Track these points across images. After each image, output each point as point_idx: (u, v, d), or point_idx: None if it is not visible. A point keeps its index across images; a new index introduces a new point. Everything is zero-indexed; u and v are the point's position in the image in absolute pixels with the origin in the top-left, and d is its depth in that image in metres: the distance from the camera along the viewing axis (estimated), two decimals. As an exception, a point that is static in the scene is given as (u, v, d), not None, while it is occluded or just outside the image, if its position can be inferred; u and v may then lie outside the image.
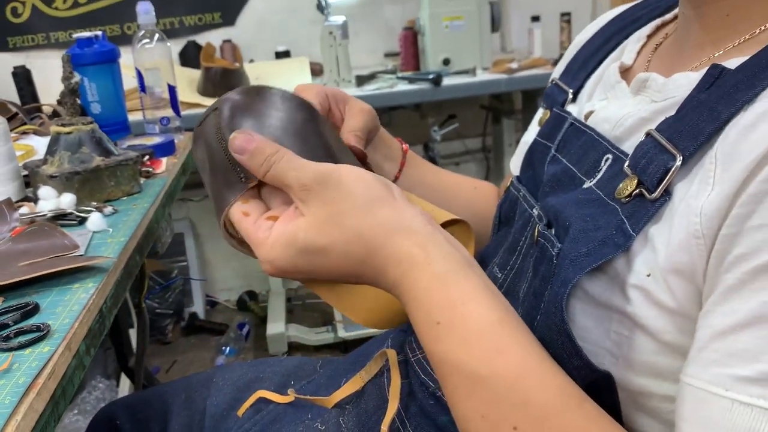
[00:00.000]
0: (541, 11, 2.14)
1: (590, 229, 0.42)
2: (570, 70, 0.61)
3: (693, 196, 0.36)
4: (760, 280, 0.32)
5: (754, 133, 0.34)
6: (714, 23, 0.45)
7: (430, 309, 0.39)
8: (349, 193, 0.41)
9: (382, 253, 0.40)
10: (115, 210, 0.93)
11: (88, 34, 1.30)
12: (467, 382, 0.37)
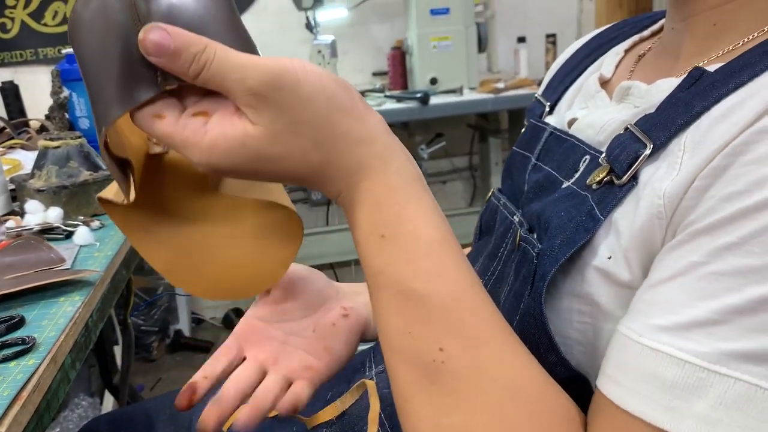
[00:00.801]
0: (526, 32, 2.17)
1: (565, 221, 0.42)
2: (550, 86, 0.63)
3: (659, 180, 0.37)
4: (695, 242, 0.33)
5: (723, 123, 0.35)
6: (702, 33, 0.46)
7: (377, 221, 0.38)
8: (309, 99, 0.36)
9: (339, 164, 0.38)
10: (102, 224, 0.93)
11: (77, 50, 1.31)
12: (402, 297, 0.37)
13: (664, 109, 0.40)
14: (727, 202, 0.33)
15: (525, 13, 2.29)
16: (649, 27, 0.56)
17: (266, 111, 0.35)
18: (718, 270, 0.32)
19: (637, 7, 2.29)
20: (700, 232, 0.34)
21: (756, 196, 0.32)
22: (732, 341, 0.31)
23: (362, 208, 0.38)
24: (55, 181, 0.94)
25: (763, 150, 0.32)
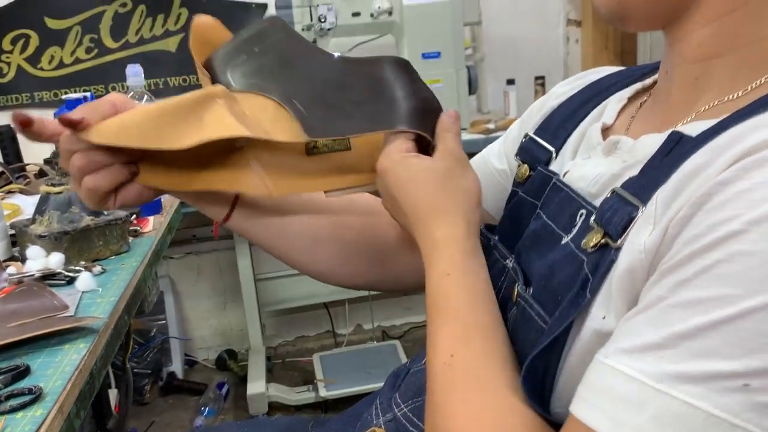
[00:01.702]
0: (515, 75, 2.22)
1: (563, 288, 0.46)
2: (548, 128, 0.64)
3: (637, 234, 0.41)
4: (663, 279, 0.38)
5: (693, 180, 0.39)
6: (685, 86, 0.49)
7: (449, 265, 0.53)
8: (468, 176, 0.58)
9: (450, 218, 0.55)
10: (103, 269, 0.93)
11: (76, 96, 1.33)
12: (448, 312, 0.51)
13: (647, 172, 0.44)
14: (688, 244, 0.37)
15: (513, 56, 2.35)
16: (650, 76, 0.59)
17: (448, 160, 0.57)
18: (673, 302, 0.37)
19: (622, 49, 2.36)
20: (666, 271, 0.38)
21: (708, 238, 0.36)
22: (676, 363, 0.35)
23: (446, 253, 0.53)
24: (57, 226, 0.95)
25: (721, 199, 0.36)
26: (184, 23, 2.20)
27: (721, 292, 0.35)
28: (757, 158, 0.36)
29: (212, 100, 0.55)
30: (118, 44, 2.17)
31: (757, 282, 0.34)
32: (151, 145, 0.52)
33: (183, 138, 0.52)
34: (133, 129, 0.51)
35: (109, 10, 2.14)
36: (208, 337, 2.44)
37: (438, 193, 0.55)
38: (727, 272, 0.35)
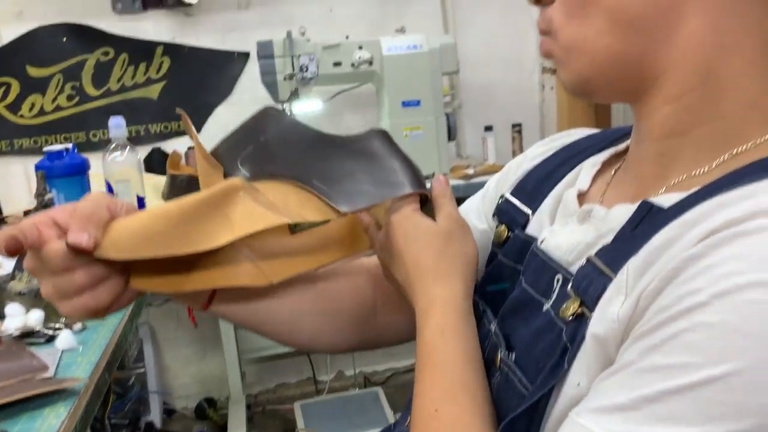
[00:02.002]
0: (493, 121, 2.27)
1: (543, 356, 0.47)
2: (524, 189, 0.65)
3: (609, 303, 0.43)
4: (634, 345, 0.39)
5: (664, 252, 0.41)
6: (654, 160, 0.51)
7: (444, 322, 0.55)
8: (469, 241, 0.62)
9: (448, 279, 0.58)
10: (84, 326, 0.93)
11: (58, 147, 1.33)
12: (439, 368, 0.53)
13: (619, 242, 0.46)
14: (658, 313, 0.39)
15: (491, 104, 2.40)
16: (622, 141, 0.60)
17: (449, 225, 0.61)
18: (641, 367, 0.38)
19: (596, 96, 2.42)
20: (637, 337, 0.39)
21: (676, 308, 0.38)
22: (640, 425, 0.37)
23: (440, 311, 0.56)
24: (37, 283, 0.94)
25: (689, 273, 0.38)
26: (166, 71, 2.22)
27: (684, 360, 0.36)
28: (722, 236, 0.38)
29: (234, 194, 0.54)
30: (99, 92, 2.19)
31: (717, 352, 0.35)
32: (179, 251, 0.50)
33: (213, 238, 0.51)
34: (157, 237, 0.49)
35: (91, 58, 2.16)
36: (188, 386, 2.40)
37: (441, 254, 0.59)
38: (691, 341, 0.36)
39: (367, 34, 2.20)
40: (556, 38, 0.51)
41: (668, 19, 0.46)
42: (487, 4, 2.34)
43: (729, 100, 0.46)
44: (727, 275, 0.36)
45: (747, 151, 0.46)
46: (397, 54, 1.95)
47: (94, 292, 0.52)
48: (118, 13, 2.14)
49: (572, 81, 0.52)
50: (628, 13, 0.46)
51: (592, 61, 0.49)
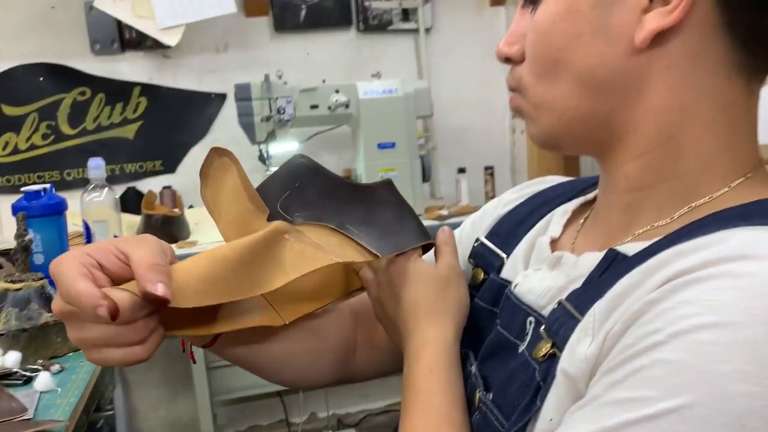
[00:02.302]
0: (466, 163, 2.32)
1: (518, 395, 0.50)
2: (498, 234, 0.69)
3: (576, 342, 0.45)
4: (600, 380, 0.42)
5: (626, 297, 0.44)
6: (620, 212, 0.54)
7: (435, 362, 0.59)
8: (463, 287, 0.65)
9: (443, 321, 0.61)
10: (62, 368, 0.92)
11: (36, 187, 1.33)
12: (427, 405, 0.56)
13: (587, 287, 0.49)
14: (621, 352, 0.41)
15: (464, 147, 2.46)
16: (590, 191, 0.64)
17: (447, 271, 0.65)
18: (605, 401, 0.41)
19: (564, 140, 2.50)
20: (603, 373, 0.42)
21: (637, 347, 0.40)
22: None
23: (431, 349, 0.60)
24: (15, 324, 0.94)
25: (650, 315, 0.41)
26: (142, 111, 2.24)
27: (643, 394, 0.39)
28: (678, 282, 0.41)
29: (281, 238, 0.56)
30: (75, 131, 2.19)
31: (672, 387, 0.38)
32: (241, 295, 0.51)
33: (269, 282, 0.52)
34: (220, 284, 0.50)
35: (67, 98, 2.17)
36: (157, 428, 2.35)
37: (438, 297, 0.63)
38: (649, 377, 0.39)
39: (343, 78, 2.25)
40: (525, 95, 0.55)
41: (633, 84, 0.49)
42: (459, 51, 2.42)
43: (687, 159, 0.50)
44: (682, 317, 0.39)
45: (704, 204, 0.50)
46: (372, 98, 2.00)
47: (146, 344, 0.50)
48: (97, 54, 2.16)
49: (540, 135, 0.55)
50: (596, 78, 0.50)
51: (560, 119, 0.53)
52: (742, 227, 0.43)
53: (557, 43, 0.51)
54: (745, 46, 0.48)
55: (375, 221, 0.67)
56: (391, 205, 0.69)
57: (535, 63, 0.53)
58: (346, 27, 2.35)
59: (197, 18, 1.98)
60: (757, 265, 0.39)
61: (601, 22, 0.49)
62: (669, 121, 0.50)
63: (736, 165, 0.51)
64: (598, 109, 0.51)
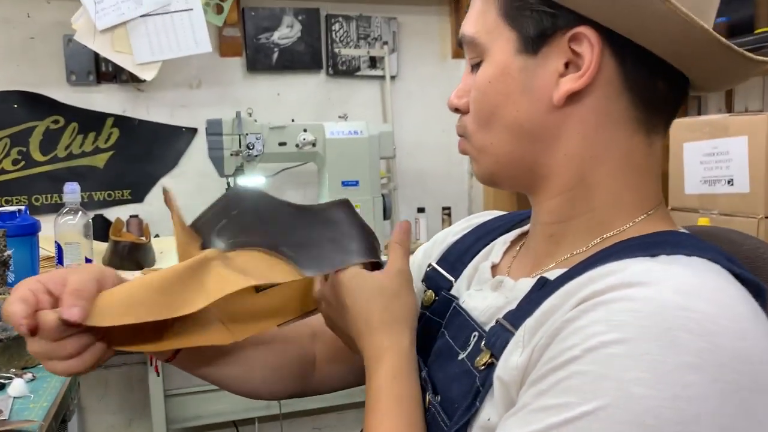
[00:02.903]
0: (425, 204, 2.44)
1: (461, 398, 0.58)
2: (447, 260, 0.78)
3: (510, 353, 0.54)
4: (529, 389, 0.49)
5: (551, 315, 0.52)
6: (546, 241, 0.64)
7: (394, 368, 0.63)
8: (411, 292, 0.69)
9: (400, 328, 0.66)
10: (34, 376, 0.97)
11: (11, 209, 1.39)
12: (395, 411, 0.61)
13: (520, 307, 0.58)
14: (546, 364, 0.49)
15: (424, 188, 2.57)
16: (527, 223, 0.74)
17: (398, 278, 0.68)
18: (534, 407, 0.48)
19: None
20: (531, 383, 0.50)
21: (558, 360, 0.48)
22: None
23: (391, 358, 0.64)
24: (-11, 334, 0.99)
25: (567, 332, 0.49)
26: (114, 141, 2.30)
27: (565, 401, 0.47)
28: (590, 304, 0.49)
29: (208, 263, 0.62)
30: (46, 158, 2.23)
31: (589, 393, 0.46)
32: (159, 316, 0.57)
33: (190, 304, 0.58)
34: (142, 306, 0.56)
35: (41, 125, 2.22)
36: (110, 457, 2.34)
37: (389, 306, 0.66)
38: (569, 386, 0.47)
39: (312, 118, 2.36)
40: (470, 140, 0.65)
41: (552, 135, 0.60)
42: (422, 98, 2.55)
43: (598, 197, 0.60)
44: (593, 335, 0.47)
45: (612, 236, 0.60)
46: (339, 138, 2.10)
47: (81, 357, 0.59)
48: (72, 84, 2.23)
49: (482, 174, 0.66)
50: (522, 129, 0.60)
51: (497, 162, 0.63)
52: (639, 257, 0.53)
53: (492, 100, 0.61)
54: (644, 105, 0.59)
55: (319, 241, 0.69)
56: (342, 224, 0.71)
57: (476, 115, 0.63)
58: (317, 70, 2.47)
59: (174, 55, 2.07)
60: (650, 290, 0.48)
61: (526, 83, 0.59)
62: (582, 165, 0.60)
63: (639, 203, 0.61)
64: (525, 155, 0.61)
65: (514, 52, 0.59)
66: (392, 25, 2.52)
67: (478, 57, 0.62)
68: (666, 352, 0.45)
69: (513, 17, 0.59)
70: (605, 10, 0.55)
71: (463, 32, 0.64)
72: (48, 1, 2.18)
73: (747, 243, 0.68)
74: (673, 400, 0.44)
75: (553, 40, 0.58)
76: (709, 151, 1.35)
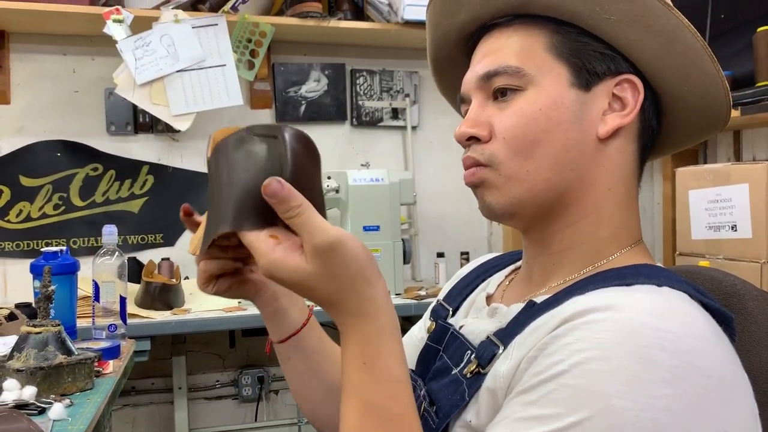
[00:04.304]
0: (445, 248, 2.50)
1: (448, 401, 0.63)
2: (451, 294, 0.85)
3: (499, 365, 0.60)
4: (514, 399, 0.54)
5: (536, 332, 0.58)
6: (546, 270, 0.70)
7: (363, 351, 0.56)
8: (347, 263, 0.55)
9: (349, 308, 0.56)
10: (71, 402, 1.05)
11: (54, 249, 1.49)
12: (367, 407, 0.56)
13: (510, 326, 0.64)
14: (534, 377, 0.55)
15: (443, 233, 2.65)
16: (519, 261, 0.81)
17: (318, 261, 0.55)
18: (523, 416, 0.53)
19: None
20: (518, 393, 0.55)
21: (546, 374, 0.54)
22: None
23: (355, 339, 0.57)
24: (33, 362, 1.07)
25: (554, 347, 0.55)
26: (149, 188, 2.42)
27: (554, 411, 0.52)
28: (572, 324, 0.55)
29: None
30: (85, 203, 2.36)
31: (575, 405, 0.51)
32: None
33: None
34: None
35: (81, 172, 2.36)
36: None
37: (329, 289, 0.56)
38: (557, 398, 0.52)
39: (336, 166, 2.46)
40: (496, 169, 0.66)
41: (588, 166, 0.66)
42: (442, 146, 2.65)
43: (603, 227, 0.67)
44: (578, 351, 0.53)
45: (603, 264, 0.66)
46: (361, 185, 2.20)
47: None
48: (111, 134, 2.37)
49: (505, 204, 0.66)
50: (568, 156, 0.65)
51: (530, 189, 0.65)
52: (617, 285, 0.59)
53: (542, 126, 0.64)
54: (644, 153, 0.69)
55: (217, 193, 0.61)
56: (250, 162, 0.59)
57: (516, 141, 0.65)
58: (341, 121, 2.59)
59: (207, 107, 2.20)
60: (627, 313, 0.54)
61: (578, 115, 0.65)
62: (600, 196, 0.67)
63: (627, 236, 0.68)
64: (562, 182, 0.66)
65: (567, 85, 0.65)
66: (414, 79, 2.63)
67: (518, 86, 0.65)
68: (642, 367, 0.50)
69: (566, 54, 0.65)
70: (662, 64, 0.64)
71: (505, 63, 0.65)
72: (92, 58, 2.35)
73: (726, 280, 0.74)
74: (649, 410, 0.49)
75: (604, 80, 0.66)
76: (713, 198, 1.40)
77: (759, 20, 1.76)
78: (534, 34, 0.66)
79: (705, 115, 0.69)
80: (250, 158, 0.58)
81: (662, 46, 0.64)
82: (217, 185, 0.60)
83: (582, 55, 0.65)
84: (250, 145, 0.59)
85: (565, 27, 0.66)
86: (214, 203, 0.60)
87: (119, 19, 2.10)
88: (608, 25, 0.64)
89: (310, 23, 2.30)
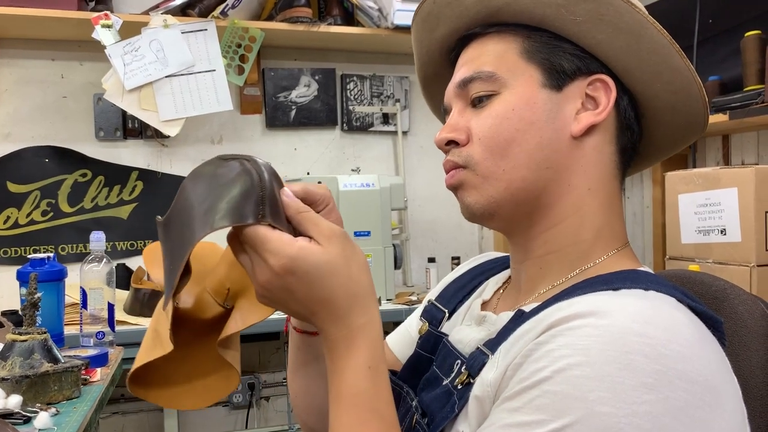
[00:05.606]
0: (436, 254, 2.50)
1: (438, 411, 0.63)
2: (444, 296, 0.83)
3: (486, 373, 0.60)
4: (500, 405, 0.54)
5: (522, 338, 0.58)
6: (532, 274, 0.70)
7: (372, 355, 0.59)
8: (357, 251, 0.59)
9: (364, 302, 0.58)
10: (57, 411, 1.04)
11: (41, 256, 1.48)
12: (372, 413, 0.58)
13: (499, 335, 0.64)
14: (519, 383, 0.54)
15: (434, 238, 2.65)
16: None
17: (337, 244, 0.57)
18: (508, 422, 0.54)
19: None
20: (504, 399, 0.55)
21: (530, 380, 0.54)
22: None
23: (364, 343, 0.59)
24: (19, 371, 1.06)
25: (538, 354, 0.54)
26: (138, 194, 2.41)
27: (537, 417, 0.52)
28: (556, 330, 0.55)
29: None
30: (73, 209, 2.35)
31: (559, 411, 0.51)
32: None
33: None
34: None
35: (69, 178, 2.34)
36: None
37: (348, 280, 0.57)
38: (542, 404, 0.52)
39: (326, 171, 2.46)
40: (474, 169, 0.66)
41: (564, 165, 0.66)
42: (433, 152, 2.64)
43: (586, 228, 0.67)
44: (561, 357, 0.53)
45: (590, 268, 0.66)
46: (352, 190, 2.19)
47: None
48: (100, 140, 2.36)
49: (483, 204, 0.67)
50: (542, 155, 0.65)
51: (507, 188, 0.66)
52: (603, 290, 0.59)
53: (515, 126, 0.65)
54: (624, 156, 0.68)
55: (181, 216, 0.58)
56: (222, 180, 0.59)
57: (491, 141, 0.65)
58: (332, 126, 2.58)
59: (197, 113, 2.19)
60: (610, 319, 0.53)
61: (550, 114, 0.65)
62: (580, 197, 0.66)
63: (612, 239, 0.68)
64: (537, 181, 0.66)
65: (539, 86, 0.66)
66: (404, 84, 2.64)
67: (492, 91, 0.66)
68: (624, 373, 0.50)
69: (537, 57, 0.66)
70: (631, 61, 0.65)
71: (479, 69, 0.67)
72: (81, 63, 2.34)
73: (715, 284, 0.74)
74: (632, 416, 0.49)
75: (575, 80, 0.66)
76: (703, 202, 1.41)
77: (747, 25, 1.77)
78: (508, 40, 0.68)
79: (683, 113, 0.68)
80: (229, 170, 0.60)
81: (629, 44, 0.64)
82: (190, 205, 0.58)
83: (553, 57, 0.66)
84: (222, 164, 0.62)
85: (537, 32, 0.67)
86: (187, 225, 0.58)
87: (108, 24, 2.09)
88: (575, 26, 0.65)
89: (300, 28, 2.29)
